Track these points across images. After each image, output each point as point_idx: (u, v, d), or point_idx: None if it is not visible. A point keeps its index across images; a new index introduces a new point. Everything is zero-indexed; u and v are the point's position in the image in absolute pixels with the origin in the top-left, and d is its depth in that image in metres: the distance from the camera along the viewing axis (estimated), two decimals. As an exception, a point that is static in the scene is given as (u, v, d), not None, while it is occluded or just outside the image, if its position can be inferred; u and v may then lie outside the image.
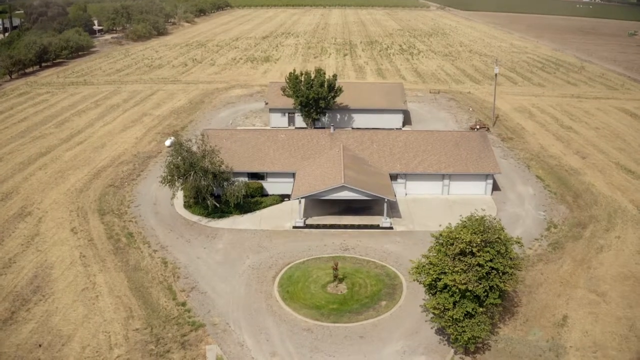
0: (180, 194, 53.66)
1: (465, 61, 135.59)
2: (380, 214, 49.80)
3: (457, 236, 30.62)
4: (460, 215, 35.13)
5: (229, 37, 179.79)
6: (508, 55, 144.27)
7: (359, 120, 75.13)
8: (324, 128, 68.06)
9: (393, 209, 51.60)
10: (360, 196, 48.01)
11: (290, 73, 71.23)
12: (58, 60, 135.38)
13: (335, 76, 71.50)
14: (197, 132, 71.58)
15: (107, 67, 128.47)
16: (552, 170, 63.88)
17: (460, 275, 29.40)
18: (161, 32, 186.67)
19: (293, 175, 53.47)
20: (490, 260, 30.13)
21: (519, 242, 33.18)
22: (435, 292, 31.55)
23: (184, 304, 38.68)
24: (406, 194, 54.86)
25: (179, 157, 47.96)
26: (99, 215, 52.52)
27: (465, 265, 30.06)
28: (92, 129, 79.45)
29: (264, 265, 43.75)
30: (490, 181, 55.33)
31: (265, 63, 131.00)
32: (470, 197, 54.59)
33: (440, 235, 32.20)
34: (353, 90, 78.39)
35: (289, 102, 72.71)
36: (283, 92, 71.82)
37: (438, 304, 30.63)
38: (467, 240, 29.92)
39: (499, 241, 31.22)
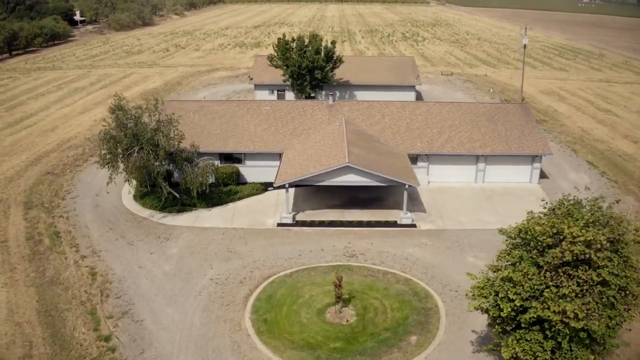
0: (133, 182, 40.88)
1: (475, 47, 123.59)
2: (397, 207, 36.97)
3: (565, 232, 16.98)
4: (543, 200, 21.84)
5: (218, 26, 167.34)
6: (520, 43, 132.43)
7: (363, 97, 62.14)
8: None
9: (414, 202, 38.67)
10: (370, 181, 35.04)
11: (280, 38, 58.25)
12: (31, 48, 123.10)
13: (334, 42, 58.63)
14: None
15: (82, 53, 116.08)
16: (603, 155, 52.05)
17: (571, 302, 16.36)
18: (146, 23, 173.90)
19: (280, 156, 40.57)
20: (617, 275, 17.03)
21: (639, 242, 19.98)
22: (515, 329, 18.35)
23: (107, 339, 25.56)
24: (429, 182, 41.94)
25: (121, 129, 34.95)
26: (23, 209, 39.98)
27: (578, 283, 16.94)
28: (45, 112, 67.50)
29: (232, 279, 30.48)
30: (538, 165, 42.56)
31: (255, 48, 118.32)
32: (512, 185, 41.92)
33: (521, 230, 18.68)
34: (356, 64, 65.70)
35: (278, 77, 59.83)
36: (270, 61, 58.82)
37: (524, 350, 17.34)
38: (587, 239, 16.56)
39: (622, 241, 18.01)
